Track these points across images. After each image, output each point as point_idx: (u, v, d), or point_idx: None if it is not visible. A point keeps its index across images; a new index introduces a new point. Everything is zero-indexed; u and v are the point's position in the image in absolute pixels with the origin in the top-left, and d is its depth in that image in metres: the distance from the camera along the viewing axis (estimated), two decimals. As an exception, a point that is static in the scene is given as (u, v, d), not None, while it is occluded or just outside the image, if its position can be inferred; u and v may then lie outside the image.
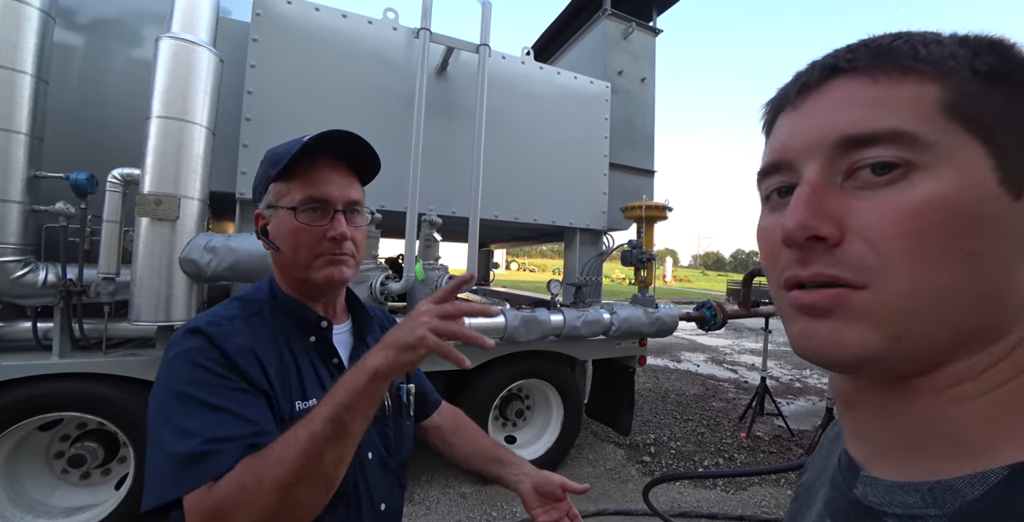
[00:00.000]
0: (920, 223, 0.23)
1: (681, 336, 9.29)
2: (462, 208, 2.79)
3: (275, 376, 0.63)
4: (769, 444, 3.57)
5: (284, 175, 0.66)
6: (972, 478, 0.23)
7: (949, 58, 0.24)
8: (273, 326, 0.68)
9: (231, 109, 2.25)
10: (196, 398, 0.56)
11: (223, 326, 0.63)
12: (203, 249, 1.92)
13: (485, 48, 2.61)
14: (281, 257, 0.69)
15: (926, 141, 0.23)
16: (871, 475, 0.29)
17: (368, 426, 0.74)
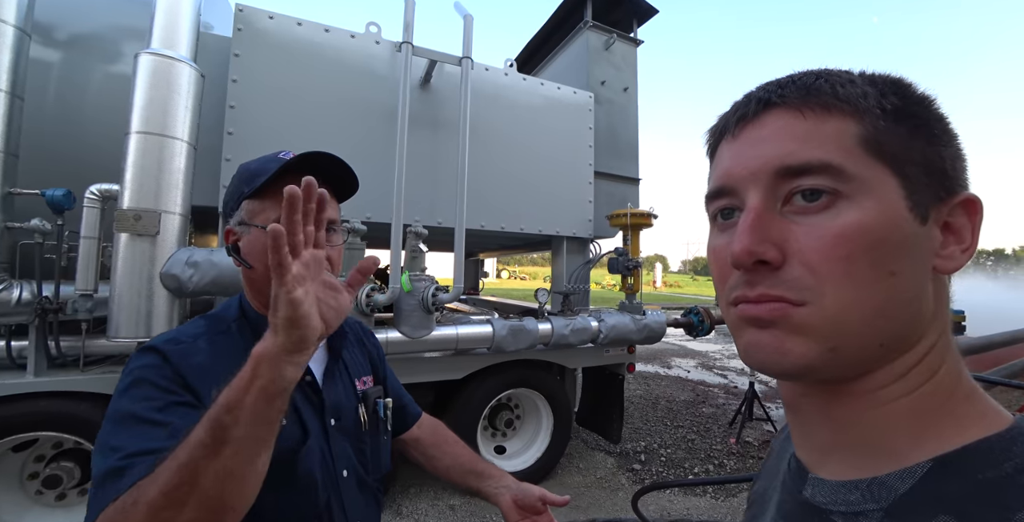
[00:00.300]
0: (849, 248, 0.26)
1: (671, 342, 9.33)
2: (448, 218, 2.80)
3: None
4: (759, 449, 3.58)
5: (258, 193, 0.66)
6: (902, 473, 0.26)
7: (862, 97, 0.27)
8: (241, 345, 0.66)
9: (213, 123, 2.25)
10: (132, 413, 0.55)
11: (183, 345, 0.62)
12: (184, 264, 1.90)
13: (467, 61, 2.65)
14: (253, 275, 0.68)
15: (850, 173, 0.26)
16: (818, 476, 0.31)
17: (349, 440, 0.74)
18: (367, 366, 0.86)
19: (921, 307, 0.27)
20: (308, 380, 0.71)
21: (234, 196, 0.69)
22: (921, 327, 0.28)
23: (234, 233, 0.69)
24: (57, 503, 2.03)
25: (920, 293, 0.27)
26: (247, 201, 0.67)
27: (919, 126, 0.27)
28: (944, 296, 0.29)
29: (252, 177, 0.67)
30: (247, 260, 0.67)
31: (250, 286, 0.71)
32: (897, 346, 0.27)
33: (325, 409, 0.71)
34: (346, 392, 0.77)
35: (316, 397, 0.71)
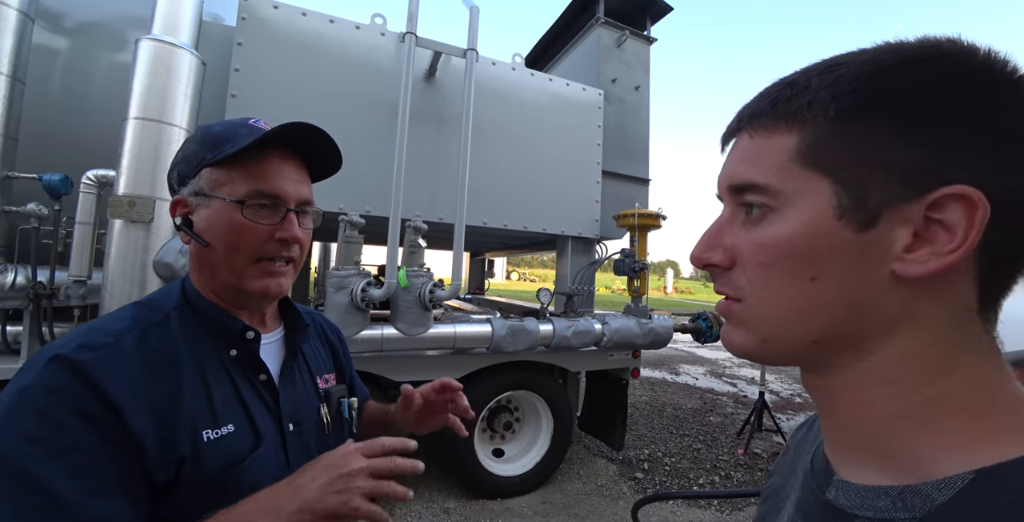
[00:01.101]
0: (766, 256, 0.29)
1: (680, 348, 9.16)
2: (449, 215, 2.74)
3: (168, 408, 0.51)
4: (767, 462, 3.44)
5: (226, 161, 0.58)
6: (939, 483, 0.25)
7: (806, 107, 0.28)
8: (180, 338, 0.57)
9: (214, 112, 2.23)
10: (24, 472, 0.42)
11: (101, 350, 0.49)
12: (178, 252, 1.87)
13: (472, 53, 2.60)
14: (209, 255, 0.59)
15: (775, 190, 0.29)
16: (844, 479, 0.31)
17: (309, 445, 0.66)
18: (329, 362, 0.79)
19: (862, 311, 0.27)
20: (263, 380, 0.63)
21: (191, 161, 0.60)
22: (871, 330, 0.28)
23: (186, 204, 0.60)
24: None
25: (856, 297, 0.27)
26: (209, 169, 0.59)
27: (882, 119, 0.26)
28: (942, 301, 0.27)
29: (217, 142, 0.59)
30: (202, 236, 0.59)
31: (202, 267, 0.61)
32: (838, 346, 0.29)
33: (283, 413, 0.63)
34: (306, 392, 0.69)
35: (273, 399, 0.63)
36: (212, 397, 0.56)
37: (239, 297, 0.63)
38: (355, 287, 2.17)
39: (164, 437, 0.51)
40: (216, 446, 0.55)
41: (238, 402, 0.59)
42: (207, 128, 0.62)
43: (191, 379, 0.55)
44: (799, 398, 5.69)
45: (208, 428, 0.55)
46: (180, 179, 0.62)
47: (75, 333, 0.53)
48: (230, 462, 0.55)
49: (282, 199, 0.60)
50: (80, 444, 0.45)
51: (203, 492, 0.53)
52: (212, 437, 0.55)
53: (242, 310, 0.64)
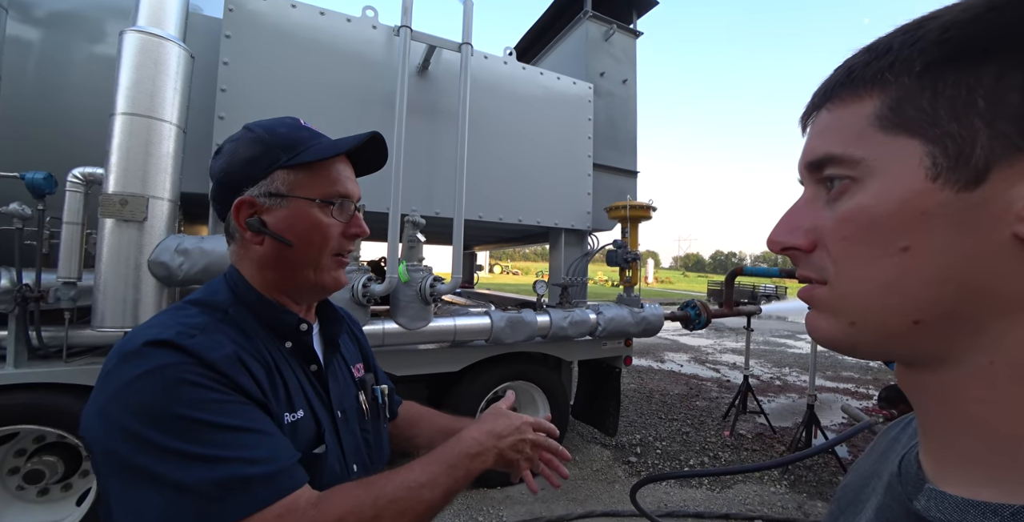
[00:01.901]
0: (850, 229, 0.27)
1: (664, 336, 9.40)
2: (446, 209, 2.75)
3: (267, 387, 0.56)
4: (752, 442, 3.61)
5: (303, 164, 0.60)
6: None
7: (887, 69, 0.25)
8: (245, 331, 0.59)
9: (203, 107, 2.17)
10: (202, 420, 0.47)
11: (198, 337, 0.52)
12: (174, 251, 1.83)
13: (467, 47, 2.59)
14: (289, 254, 0.61)
15: (855, 159, 0.26)
16: (938, 489, 0.27)
17: (355, 431, 0.70)
18: (358, 353, 0.82)
19: (977, 284, 0.23)
20: (314, 370, 0.66)
21: (259, 163, 0.60)
22: (992, 309, 0.24)
23: (254, 205, 0.60)
24: (39, 499, 1.96)
25: (966, 268, 0.23)
26: (284, 171, 0.60)
27: (984, 64, 0.23)
28: None
29: (289, 145, 0.60)
30: (284, 236, 0.60)
31: (276, 266, 0.62)
32: (949, 329, 0.25)
33: (332, 401, 0.67)
34: (346, 381, 0.73)
35: (323, 389, 0.66)
36: (287, 384, 0.60)
37: (310, 291, 0.65)
38: (356, 283, 2.17)
39: (272, 411, 0.55)
40: (295, 429, 0.58)
41: (301, 390, 0.62)
42: (269, 128, 0.62)
43: (270, 365, 0.59)
44: (779, 381, 5.95)
45: (287, 411, 0.58)
46: (243, 179, 0.60)
47: (159, 326, 0.53)
48: (305, 444, 0.59)
49: (353, 199, 0.65)
50: (227, 398, 0.50)
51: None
52: (291, 420, 0.58)
53: (294, 305, 0.66)
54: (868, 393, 5.50)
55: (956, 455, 0.27)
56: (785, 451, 3.43)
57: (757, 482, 2.91)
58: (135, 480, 0.44)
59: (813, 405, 3.33)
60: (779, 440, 3.65)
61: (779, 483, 2.91)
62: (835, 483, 2.92)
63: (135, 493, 0.44)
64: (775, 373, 6.43)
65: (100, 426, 0.46)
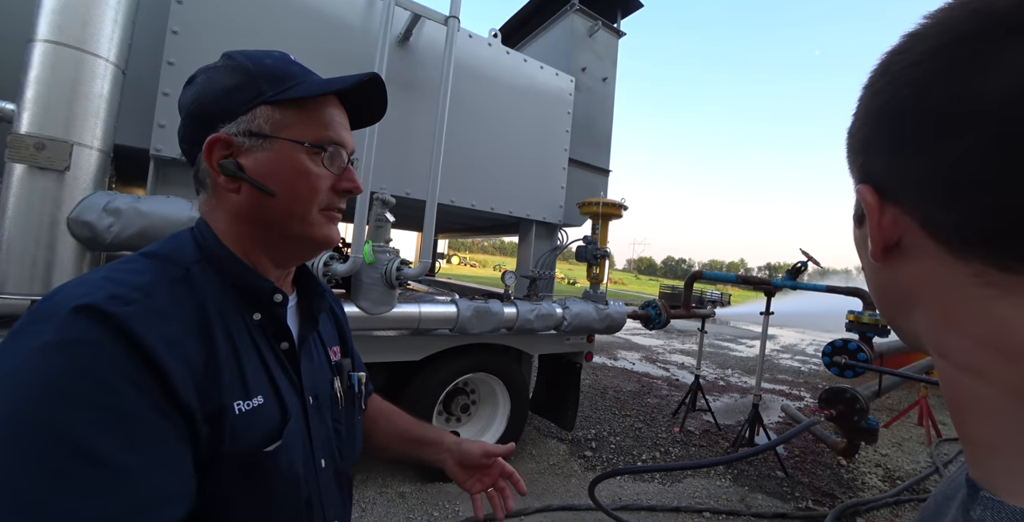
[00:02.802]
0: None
1: (617, 335, 9.66)
2: (417, 190, 2.61)
3: (207, 375, 0.44)
4: (699, 438, 3.76)
5: (291, 102, 0.51)
6: None
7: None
8: (203, 297, 0.47)
9: (149, 50, 1.90)
10: (77, 442, 0.34)
11: (136, 304, 0.40)
12: (102, 210, 1.58)
13: (454, 21, 2.46)
14: (271, 205, 0.51)
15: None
16: (993, 497, 0.25)
17: (327, 421, 0.60)
18: (336, 335, 0.72)
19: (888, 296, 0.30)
20: (285, 348, 0.55)
21: (238, 95, 0.50)
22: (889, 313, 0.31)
23: (230, 145, 0.50)
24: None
25: (880, 282, 0.30)
26: (267, 107, 0.50)
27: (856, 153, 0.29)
28: (929, 281, 0.26)
29: (278, 79, 0.51)
30: (264, 184, 0.50)
31: (254, 219, 0.52)
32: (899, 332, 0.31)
33: (304, 385, 0.56)
34: (320, 364, 0.62)
35: (294, 370, 0.56)
36: (242, 365, 0.48)
37: (294, 251, 0.56)
38: (317, 261, 2.00)
39: (207, 409, 0.43)
40: (249, 419, 0.47)
41: (264, 372, 0.51)
42: (253, 57, 0.52)
43: (220, 343, 0.47)
44: (723, 381, 6.27)
45: (241, 399, 0.47)
46: (219, 112, 0.50)
47: (90, 283, 0.41)
48: (262, 437, 0.48)
49: (347, 149, 0.56)
50: (133, 409, 0.37)
51: (237, 472, 0.45)
52: (244, 409, 0.47)
53: (271, 270, 0.56)
54: (799, 394, 5.92)
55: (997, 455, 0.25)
56: (729, 447, 3.60)
57: (705, 477, 3.02)
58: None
59: (758, 404, 3.51)
60: (723, 437, 3.82)
61: (724, 477, 3.03)
62: (774, 478, 3.09)
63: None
64: (719, 374, 6.77)
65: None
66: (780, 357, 9.24)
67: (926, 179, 0.24)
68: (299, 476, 0.51)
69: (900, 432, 4.45)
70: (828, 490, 2.97)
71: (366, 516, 2.21)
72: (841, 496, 2.89)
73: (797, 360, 9.01)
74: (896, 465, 3.55)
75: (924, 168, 0.24)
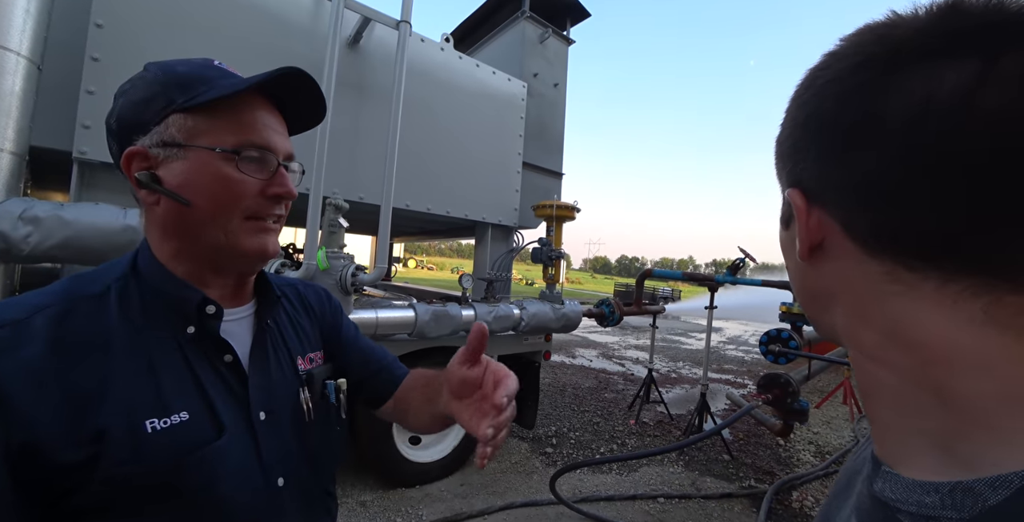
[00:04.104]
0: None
1: (575, 334, 9.89)
2: (370, 194, 2.57)
3: (86, 397, 0.44)
4: (654, 428, 3.95)
5: (203, 107, 0.49)
6: (994, 481, 0.23)
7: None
8: (117, 315, 0.48)
9: (71, 44, 1.76)
10: None
11: (3, 329, 0.42)
12: (18, 218, 1.45)
13: (406, 25, 2.45)
14: (190, 216, 0.50)
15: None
16: (891, 470, 0.29)
17: (285, 437, 0.58)
18: (316, 340, 0.69)
19: (810, 293, 0.33)
20: (228, 361, 0.54)
21: (151, 106, 0.49)
22: (811, 309, 0.34)
23: (147, 157, 0.50)
24: None
25: (804, 280, 0.33)
26: (182, 115, 0.49)
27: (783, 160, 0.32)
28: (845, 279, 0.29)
29: (187, 84, 0.49)
30: (180, 194, 0.49)
31: (175, 232, 0.52)
32: (819, 328, 0.34)
33: (252, 399, 0.55)
34: (282, 375, 0.60)
35: (240, 384, 0.55)
36: (160, 381, 0.48)
37: (228, 261, 0.54)
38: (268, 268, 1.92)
39: (81, 430, 0.43)
40: (165, 436, 0.46)
41: (194, 387, 0.51)
42: (165, 66, 0.51)
43: (128, 361, 0.47)
44: (675, 374, 6.60)
45: (154, 417, 0.46)
46: (133, 126, 0.50)
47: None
48: (183, 454, 0.47)
49: (274, 152, 0.54)
50: None
51: (141, 492, 0.45)
52: (160, 427, 0.46)
53: (215, 280, 0.55)
54: (744, 382, 6.35)
55: (890, 435, 0.30)
56: (681, 435, 3.81)
57: (659, 464, 3.19)
58: None
59: (705, 394, 3.74)
60: (676, 426, 4.04)
61: (676, 464, 3.21)
62: (721, 461, 3.31)
63: None
64: (671, 367, 7.12)
65: None
66: (726, 348, 9.84)
67: (845, 185, 0.27)
68: (229, 497, 0.49)
69: (828, 411, 4.90)
70: (768, 468, 3.22)
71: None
72: (779, 473, 3.15)
73: (741, 351, 9.64)
74: (826, 441, 3.91)
75: (842, 175, 0.27)
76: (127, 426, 0.44)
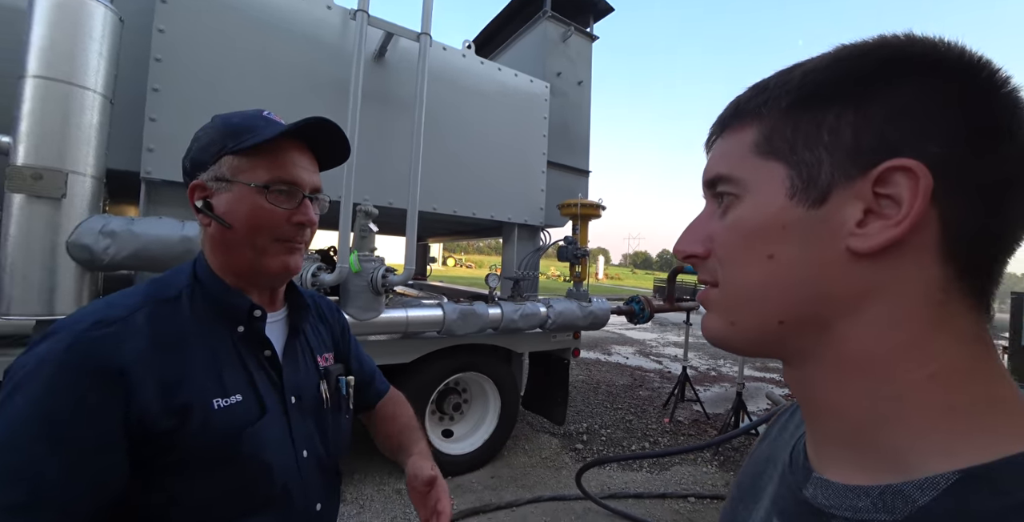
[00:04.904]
0: (730, 237, 0.31)
1: (611, 330, 9.78)
2: (398, 199, 2.71)
3: (175, 380, 0.56)
4: (688, 427, 3.88)
5: (247, 151, 0.62)
6: (921, 483, 0.24)
7: (763, 105, 0.30)
8: (189, 315, 0.61)
9: (135, 78, 2.00)
10: (19, 449, 0.47)
11: (115, 325, 0.54)
12: (99, 233, 1.68)
13: (426, 37, 2.56)
14: (231, 236, 0.62)
15: (736, 179, 0.31)
16: (822, 477, 0.30)
17: (309, 419, 0.71)
18: (329, 343, 0.83)
19: (823, 289, 0.27)
20: (267, 355, 0.67)
21: (210, 149, 0.63)
22: (836, 310, 0.27)
23: (205, 189, 0.63)
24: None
25: (814, 274, 0.28)
26: (230, 156, 0.62)
27: (828, 105, 0.28)
28: (907, 281, 0.26)
29: (238, 132, 0.62)
30: (224, 218, 0.62)
31: (220, 248, 0.64)
32: (806, 328, 0.29)
33: (285, 387, 0.68)
34: (307, 369, 0.73)
35: (277, 374, 0.67)
36: (221, 370, 0.61)
37: (257, 275, 0.66)
38: (305, 272, 2.10)
39: (172, 405, 0.55)
40: (226, 413, 0.59)
41: (245, 375, 0.63)
42: (226, 118, 0.65)
43: (200, 352, 0.60)
44: (714, 372, 6.41)
45: (218, 397, 0.59)
46: (197, 165, 0.64)
47: (93, 307, 0.57)
48: (237, 428, 0.59)
49: (299, 186, 0.65)
50: (74, 432, 0.50)
51: (210, 456, 0.57)
52: (223, 405, 0.59)
53: (254, 289, 0.68)
54: (789, 381, 6.06)
55: (828, 442, 0.30)
56: (717, 435, 3.72)
57: (691, 464, 3.15)
58: None
59: (741, 392, 3.64)
60: (712, 425, 3.94)
61: (710, 464, 3.16)
62: (757, 461, 3.21)
63: None
64: (711, 365, 6.91)
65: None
66: (772, 346, 9.38)
67: (985, 180, 0.25)
68: (270, 463, 0.61)
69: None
70: (809, 470, 3.09)
71: (364, 512, 2.32)
72: (821, 475, 3.01)
73: (789, 348, 9.15)
74: (877, 444, 3.69)
75: (986, 170, 0.25)
76: (201, 403, 0.57)
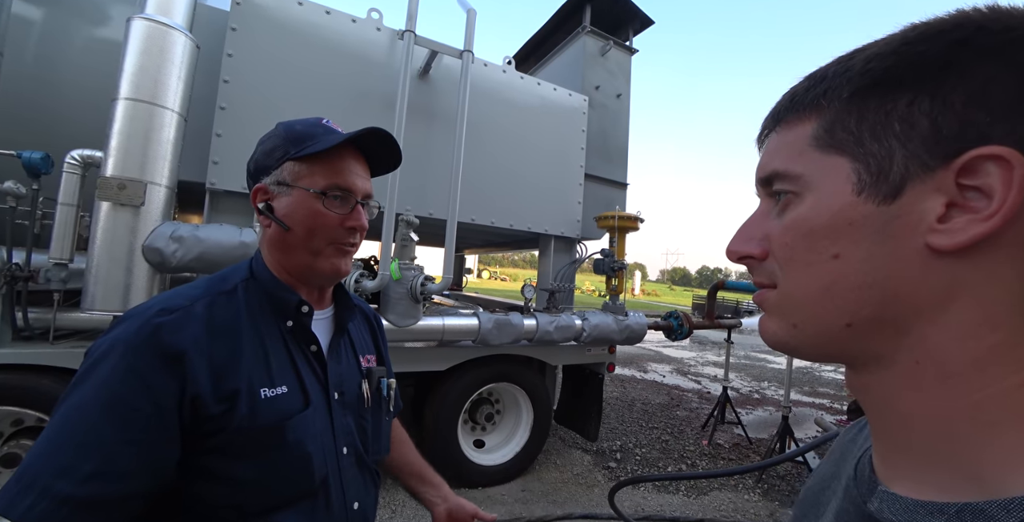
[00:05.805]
0: (791, 236, 0.29)
1: (648, 347, 9.50)
2: (439, 210, 2.79)
3: (226, 365, 0.59)
4: (729, 451, 3.68)
5: (307, 157, 0.65)
6: (1008, 503, 0.22)
7: (822, 96, 0.28)
8: (243, 307, 0.64)
9: (205, 97, 2.20)
10: (88, 419, 0.51)
11: (177, 312, 0.58)
12: (169, 238, 1.84)
13: (468, 54, 2.67)
14: (289, 238, 0.66)
15: (796, 174, 0.29)
16: (889, 490, 0.28)
17: (350, 415, 0.73)
18: (372, 346, 0.86)
19: (898, 289, 0.25)
20: (314, 350, 0.70)
21: (274, 155, 0.67)
22: (914, 311, 0.25)
23: (267, 192, 0.67)
24: (11, 484, 1.92)
25: (887, 273, 0.25)
26: (292, 162, 0.66)
27: (897, 92, 0.25)
28: (1000, 278, 0.24)
29: (300, 139, 0.66)
30: (284, 221, 0.66)
31: (279, 248, 0.68)
32: (877, 330, 0.26)
33: (329, 382, 0.70)
34: (350, 367, 0.76)
35: (321, 369, 0.70)
36: (269, 361, 0.63)
37: (310, 275, 0.69)
38: (348, 279, 2.20)
39: (222, 390, 0.58)
40: (272, 403, 0.62)
41: (291, 367, 0.66)
42: (289, 126, 0.69)
43: (250, 343, 0.63)
44: (757, 394, 6.06)
45: (265, 387, 0.62)
46: (261, 169, 0.68)
47: (160, 297, 0.62)
48: (281, 417, 0.62)
49: (353, 192, 0.68)
50: (133, 401, 0.53)
51: (253, 443, 0.59)
52: (269, 394, 0.61)
53: (304, 287, 0.71)
54: (842, 408, 5.64)
55: (899, 454, 0.28)
56: (759, 461, 3.51)
57: (732, 490, 2.97)
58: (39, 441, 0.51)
59: (788, 417, 3.42)
60: (755, 450, 3.72)
61: (753, 491, 2.97)
62: (806, 492, 2.99)
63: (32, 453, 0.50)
64: (754, 387, 6.55)
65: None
66: (822, 369, 8.79)
67: None
68: (311, 454, 0.63)
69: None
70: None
71: (395, 517, 2.34)
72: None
73: (840, 372, 8.51)
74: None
75: None
76: (249, 391, 0.60)
